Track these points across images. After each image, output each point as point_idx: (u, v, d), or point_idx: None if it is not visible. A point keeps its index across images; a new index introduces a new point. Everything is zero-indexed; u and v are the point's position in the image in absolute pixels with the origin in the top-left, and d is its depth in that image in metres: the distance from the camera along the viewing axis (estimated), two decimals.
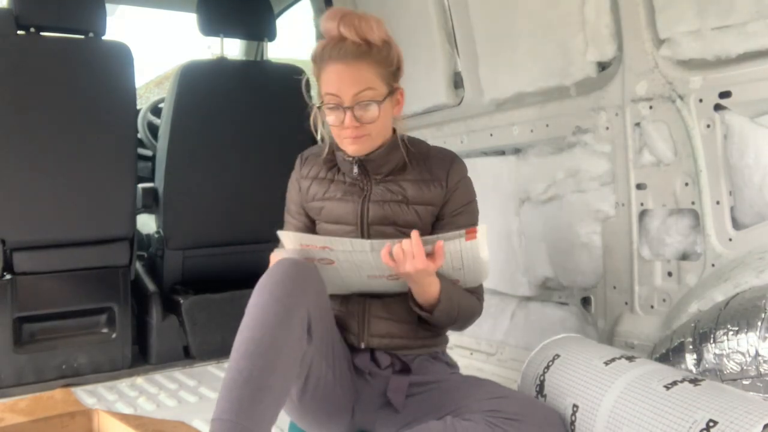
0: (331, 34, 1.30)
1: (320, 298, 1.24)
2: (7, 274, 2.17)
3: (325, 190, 1.42)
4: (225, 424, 1.06)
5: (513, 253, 2.16)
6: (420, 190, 1.38)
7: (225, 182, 2.57)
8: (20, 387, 2.14)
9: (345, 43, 1.28)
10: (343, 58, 1.28)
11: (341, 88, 1.29)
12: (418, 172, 1.40)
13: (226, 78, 2.55)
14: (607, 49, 1.77)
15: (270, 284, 1.17)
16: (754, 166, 1.52)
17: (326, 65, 1.30)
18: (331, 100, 1.31)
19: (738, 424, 1.00)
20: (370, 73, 1.30)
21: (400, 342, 1.39)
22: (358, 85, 1.29)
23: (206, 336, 2.49)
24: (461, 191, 1.41)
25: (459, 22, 2.24)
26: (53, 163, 2.17)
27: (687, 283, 1.68)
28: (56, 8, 2.15)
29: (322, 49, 1.31)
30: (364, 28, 1.29)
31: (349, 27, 1.28)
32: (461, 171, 1.42)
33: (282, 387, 1.12)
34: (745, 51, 1.48)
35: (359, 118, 1.30)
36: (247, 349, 1.11)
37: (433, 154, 1.43)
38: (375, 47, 1.30)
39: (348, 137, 1.32)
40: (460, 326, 1.42)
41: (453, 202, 1.40)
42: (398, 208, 1.38)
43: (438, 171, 1.40)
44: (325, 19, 1.31)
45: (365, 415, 1.36)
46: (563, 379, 1.32)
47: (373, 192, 1.39)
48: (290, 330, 1.13)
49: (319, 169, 1.45)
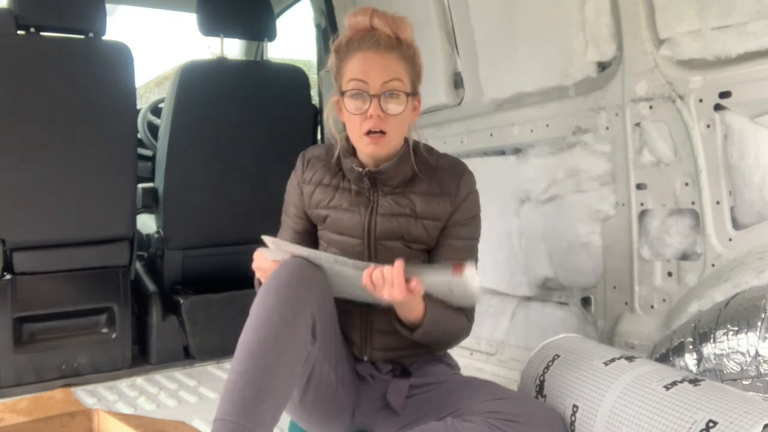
0: (360, 26, 1.29)
1: (325, 300, 1.23)
2: (7, 274, 2.16)
3: (330, 198, 1.38)
4: (227, 425, 1.06)
5: (513, 253, 2.16)
6: (429, 204, 1.35)
7: (225, 182, 2.57)
8: (20, 387, 2.14)
9: (377, 33, 1.27)
10: (375, 46, 1.27)
11: (370, 74, 1.26)
12: (428, 184, 1.36)
13: (226, 78, 2.54)
14: (607, 49, 1.77)
15: (276, 285, 1.16)
16: (754, 166, 1.52)
17: (353, 54, 1.28)
18: (356, 86, 1.27)
19: (738, 424, 1.00)
20: (400, 66, 1.28)
21: (402, 353, 1.37)
22: (387, 74, 1.26)
23: (206, 336, 2.49)
24: (468, 204, 1.38)
25: (459, 22, 2.24)
26: (53, 163, 2.17)
27: (687, 283, 1.68)
28: (56, 8, 2.15)
29: (348, 41, 1.30)
30: (398, 24, 1.29)
31: (383, 20, 1.28)
32: (471, 184, 1.39)
33: (285, 388, 1.12)
34: (745, 51, 1.48)
35: (384, 108, 1.26)
36: (251, 350, 1.10)
37: (444, 166, 1.39)
38: (405, 44, 1.30)
39: (368, 129, 1.27)
40: (443, 346, 1.39)
41: (459, 214, 1.37)
42: (406, 222, 1.34)
43: (448, 184, 1.36)
44: (355, 14, 1.30)
45: (365, 417, 1.35)
46: (563, 380, 1.32)
47: (381, 204, 1.35)
48: (295, 331, 1.13)
49: (324, 174, 1.40)
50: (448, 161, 1.41)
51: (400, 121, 1.29)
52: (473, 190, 1.39)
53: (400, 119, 1.29)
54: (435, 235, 1.37)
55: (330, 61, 1.34)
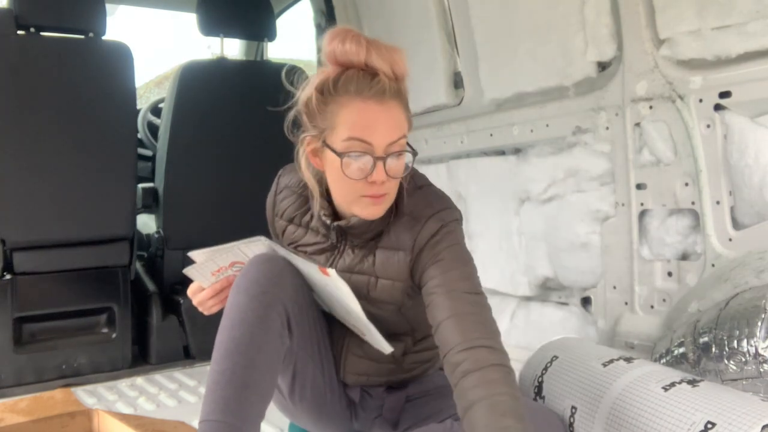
0: (353, 62, 1.07)
1: (298, 294, 1.18)
2: (7, 274, 2.16)
3: (299, 239, 1.26)
4: (213, 425, 1.05)
5: (513, 253, 2.16)
6: (387, 260, 1.17)
7: (225, 182, 2.57)
8: (20, 387, 2.14)
9: (379, 78, 1.06)
10: (379, 96, 1.05)
11: (375, 134, 1.06)
12: (388, 236, 1.17)
13: (226, 78, 2.54)
14: (607, 49, 1.77)
15: (245, 283, 1.14)
16: (754, 166, 1.51)
17: (350, 101, 1.06)
18: (358, 148, 1.06)
19: (736, 425, 1.00)
20: (403, 117, 1.09)
21: (377, 380, 1.30)
22: (395, 132, 1.07)
23: (206, 336, 2.47)
24: (431, 245, 1.13)
25: (459, 22, 2.24)
26: (53, 163, 2.17)
27: (687, 283, 1.68)
28: (56, 8, 2.15)
29: (340, 78, 1.07)
30: (397, 62, 1.07)
31: (383, 58, 1.06)
32: (431, 228, 1.13)
33: (266, 383, 1.11)
34: (745, 51, 1.48)
35: (390, 171, 1.07)
36: (228, 349, 1.09)
37: (409, 211, 1.16)
38: (403, 86, 1.10)
39: (370, 194, 1.09)
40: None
41: (423, 259, 1.13)
42: (366, 280, 1.19)
43: (403, 236, 1.15)
44: (342, 40, 1.06)
45: (363, 422, 1.35)
46: (561, 381, 1.32)
47: (344, 257, 1.21)
48: (269, 326, 1.11)
49: (295, 210, 1.27)
50: (418, 205, 1.16)
51: (399, 179, 1.12)
52: (439, 229, 1.13)
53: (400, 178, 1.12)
54: (399, 297, 1.19)
55: (307, 97, 1.11)
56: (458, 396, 1.01)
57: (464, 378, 1.00)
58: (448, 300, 1.08)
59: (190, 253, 1.17)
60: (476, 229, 2.31)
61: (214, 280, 1.21)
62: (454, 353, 1.03)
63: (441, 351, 1.06)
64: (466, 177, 2.33)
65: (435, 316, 1.08)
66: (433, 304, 1.10)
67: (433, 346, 1.25)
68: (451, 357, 1.03)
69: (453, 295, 1.08)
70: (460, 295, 1.08)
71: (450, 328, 1.05)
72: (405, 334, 1.28)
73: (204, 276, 1.20)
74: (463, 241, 1.16)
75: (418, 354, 1.31)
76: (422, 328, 1.27)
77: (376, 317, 1.19)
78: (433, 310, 1.09)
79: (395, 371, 1.30)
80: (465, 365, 1.00)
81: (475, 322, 1.06)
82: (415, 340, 1.30)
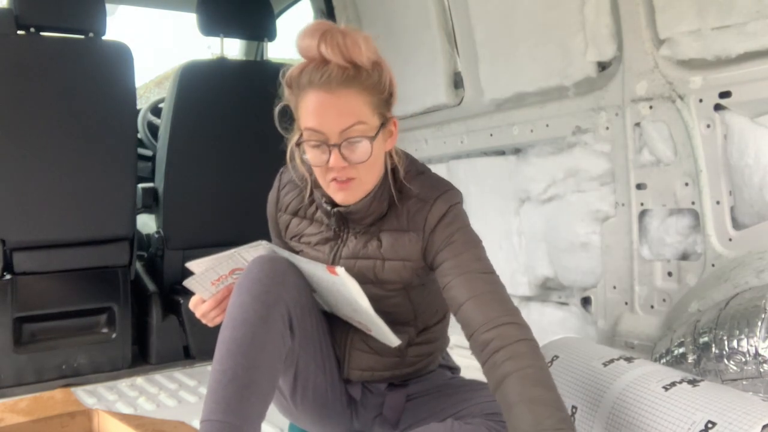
0: (309, 55, 1.09)
1: (301, 294, 1.19)
2: (7, 274, 2.16)
3: (304, 230, 1.29)
4: (214, 425, 1.05)
5: (513, 253, 2.16)
6: (396, 242, 1.20)
7: (225, 182, 2.57)
8: (20, 387, 2.14)
9: (328, 67, 1.07)
10: (327, 85, 1.07)
11: (325, 123, 1.09)
12: (397, 219, 1.20)
13: (226, 78, 2.55)
14: (607, 49, 1.77)
15: (248, 283, 1.14)
16: (754, 166, 1.52)
17: (305, 93, 1.10)
18: (312, 137, 1.11)
19: (736, 425, 1.00)
20: (359, 103, 1.10)
21: (382, 375, 1.30)
22: (345, 119, 1.09)
23: (206, 336, 2.47)
24: (441, 228, 1.17)
25: (459, 22, 2.24)
26: (53, 163, 2.17)
27: (687, 283, 1.68)
28: (56, 8, 2.15)
29: (299, 73, 1.11)
30: (351, 48, 1.07)
31: (332, 47, 1.07)
32: (443, 208, 1.18)
33: (267, 383, 1.11)
34: (745, 51, 1.48)
35: (347, 157, 1.10)
36: (229, 349, 1.09)
37: (416, 194, 1.20)
38: (364, 71, 1.09)
39: (334, 180, 1.14)
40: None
41: (434, 242, 1.18)
42: (372, 264, 1.21)
43: (415, 218, 1.19)
44: (303, 36, 1.09)
45: (363, 422, 1.35)
46: (562, 381, 1.32)
47: (347, 245, 1.24)
48: (271, 326, 1.11)
49: (299, 203, 1.30)
50: (423, 187, 1.21)
51: (370, 162, 1.13)
52: (447, 210, 1.18)
53: (369, 161, 1.12)
54: (408, 276, 1.22)
55: (287, 94, 1.17)
56: (488, 371, 1.06)
57: (495, 354, 1.04)
58: (465, 281, 1.12)
59: (188, 264, 1.17)
60: (476, 228, 2.29)
61: (214, 290, 1.21)
62: (480, 333, 1.07)
63: (466, 331, 1.10)
64: (466, 177, 2.33)
65: (455, 298, 1.12)
66: (450, 285, 1.13)
67: (433, 339, 1.33)
68: (478, 336, 1.07)
69: (469, 276, 1.12)
70: (475, 276, 1.13)
71: (472, 308, 1.09)
72: (408, 323, 1.29)
73: (204, 287, 1.21)
74: (469, 223, 1.22)
75: (420, 347, 1.32)
76: (424, 316, 1.31)
77: (381, 307, 1.20)
78: (452, 291, 1.13)
79: (399, 365, 1.31)
80: (494, 343, 1.05)
81: (494, 300, 1.10)
82: (418, 330, 1.31)
